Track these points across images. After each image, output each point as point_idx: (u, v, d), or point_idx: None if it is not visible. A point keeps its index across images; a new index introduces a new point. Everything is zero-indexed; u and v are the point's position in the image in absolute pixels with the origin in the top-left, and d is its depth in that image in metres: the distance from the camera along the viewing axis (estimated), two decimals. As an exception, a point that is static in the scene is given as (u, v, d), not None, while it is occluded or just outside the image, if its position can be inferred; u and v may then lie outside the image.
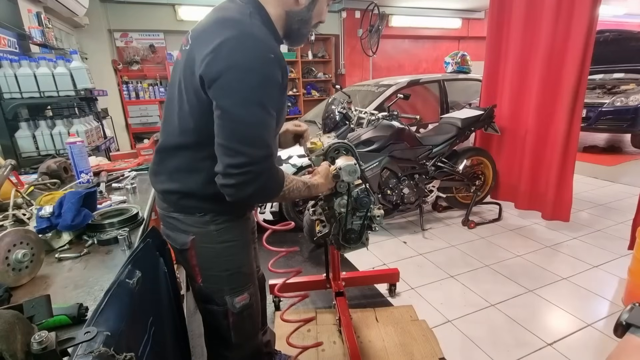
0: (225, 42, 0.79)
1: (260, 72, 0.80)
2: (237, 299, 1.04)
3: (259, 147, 0.83)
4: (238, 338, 1.10)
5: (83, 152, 1.57)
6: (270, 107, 0.83)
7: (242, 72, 0.79)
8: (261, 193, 0.89)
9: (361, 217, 1.27)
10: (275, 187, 0.92)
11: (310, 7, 0.93)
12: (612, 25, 7.49)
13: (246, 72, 0.79)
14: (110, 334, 0.60)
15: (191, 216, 0.99)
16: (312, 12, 0.94)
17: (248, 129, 0.81)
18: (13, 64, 2.08)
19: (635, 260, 1.95)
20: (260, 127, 0.83)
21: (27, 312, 0.60)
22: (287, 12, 0.93)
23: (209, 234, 0.99)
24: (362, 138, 2.68)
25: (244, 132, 0.81)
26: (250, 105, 0.80)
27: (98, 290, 0.78)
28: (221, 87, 0.80)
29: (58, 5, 3.45)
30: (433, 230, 3.05)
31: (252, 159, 0.82)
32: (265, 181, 0.87)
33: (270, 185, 0.90)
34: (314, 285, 2.09)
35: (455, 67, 4.13)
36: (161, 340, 0.93)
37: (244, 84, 0.79)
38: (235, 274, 1.03)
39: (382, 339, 1.81)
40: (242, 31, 0.81)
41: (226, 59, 0.79)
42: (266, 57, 0.80)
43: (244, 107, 0.80)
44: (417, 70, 7.78)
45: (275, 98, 0.85)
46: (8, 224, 1.10)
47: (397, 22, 7.07)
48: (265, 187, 0.88)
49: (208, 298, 1.06)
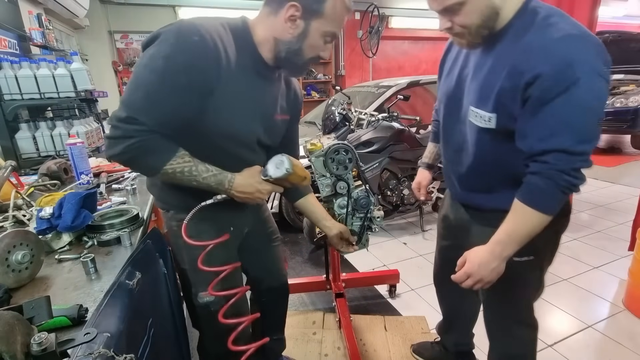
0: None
1: (173, 45, 0.80)
2: (201, 294, 1.06)
3: (133, 103, 0.80)
4: (209, 330, 1.12)
5: (83, 153, 1.57)
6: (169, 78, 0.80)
7: (161, 40, 0.81)
8: (128, 157, 0.83)
9: (361, 218, 1.27)
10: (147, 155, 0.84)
11: (300, 39, 0.91)
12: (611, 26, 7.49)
13: (164, 40, 0.81)
14: (110, 335, 0.60)
15: (163, 212, 1.09)
16: (302, 44, 0.91)
17: (134, 90, 0.81)
18: (13, 65, 2.08)
19: (635, 261, 1.95)
20: (141, 89, 0.80)
21: (27, 313, 0.60)
22: (275, 38, 0.91)
23: (172, 228, 1.05)
24: (362, 139, 2.68)
25: (130, 86, 0.82)
26: (146, 65, 0.80)
27: (98, 292, 0.78)
28: (145, 51, 0.83)
29: (58, 6, 3.45)
30: (433, 232, 3.04)
31: (128, 115, 0.79)
32: (135, 143, 0.80)
33: (140, 150, 0.82)
34: (314, 287, 2.09)
35: (455, 68, 4.13)
36: (161, 341, 0.93)
37: (156, 48, 0.80)
38: (197, 270, 0.96)
39: (389, 349, 1.76)
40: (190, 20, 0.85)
41: (161, 33, 0.82)
42: (188, 38, 0.81)
43: (143, 66, 0.81)
44: (417, 71, 7.78)
45: (184, 73, 0.81)
46: (8, 225, 1.10)
47: (397, 24, 7.08)
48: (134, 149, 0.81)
49: (185, 289, 1.13)
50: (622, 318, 1.93)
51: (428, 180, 1.48)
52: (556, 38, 0.80)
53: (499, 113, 0.91)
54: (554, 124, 0.82)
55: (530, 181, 0.87)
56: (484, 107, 0.93)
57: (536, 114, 0.84)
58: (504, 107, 0.89)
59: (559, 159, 0.82)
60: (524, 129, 0.87)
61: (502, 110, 0.90)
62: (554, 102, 0.80)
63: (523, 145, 0.88)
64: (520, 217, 0.89)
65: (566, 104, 0.80)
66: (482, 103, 0.94)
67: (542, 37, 0.82)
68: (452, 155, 1.14)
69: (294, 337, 1.83)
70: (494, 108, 0.91)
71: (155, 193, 1.08)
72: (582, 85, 0.78)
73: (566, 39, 0.80)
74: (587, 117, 0.81)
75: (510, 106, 0.88)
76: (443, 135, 1.19)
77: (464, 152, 1.08)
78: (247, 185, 0.95)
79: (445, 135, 1.17)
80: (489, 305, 1.21)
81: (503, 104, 0.89)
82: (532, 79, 0.81)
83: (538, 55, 0.81)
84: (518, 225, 0.90)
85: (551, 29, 0.82)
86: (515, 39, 0.87)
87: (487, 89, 0.92)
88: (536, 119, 0.84)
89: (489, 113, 0.92)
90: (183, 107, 0.84)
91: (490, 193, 1.07)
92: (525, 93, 0.84)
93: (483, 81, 0.94)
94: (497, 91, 0.89)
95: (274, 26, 0.91)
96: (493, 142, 0.97)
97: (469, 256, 0.97)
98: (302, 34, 0.90)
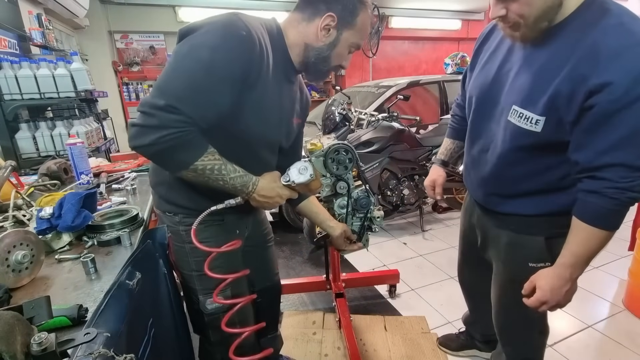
0: (211, 20, 0.82)
1: (222, 35, 0.79)
2: (209, 300, 1.04)
3: (179, 98, 0.75)
4: (216, 336, 1.09)
5: (83, 153, 1.57)
6: (208, 67, 0.77)
7: (207, 31, 0.79)
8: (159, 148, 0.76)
9: (361, 218, 1.27)
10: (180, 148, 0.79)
11: (330, 47, 0.95)
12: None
13: (210, 31, 0.79)
14: (110, 335, 0.60)
15: (166, 215, 1.02)
16: (331, 51, 0.95)
17: (174, 77, 0.77)
18: (14, 65, 2.09)
19: (635, 261, 1.95)
20: (183, 78, 0.77)
21: (27, 313, 0.60)
22: (306, 43, 0.95)
23: (178, 233, 1.01)
24: (362, 139, 2.68)
25: (167, 72, 0.78)
26: (189, 54, 0.78)
27: (98, 292, 0.78)
28: (185, 40, 0.80)
29: (58, 6, 3.45)
30: (433, 232, 3.05)
31: (167, 103, 0.74)
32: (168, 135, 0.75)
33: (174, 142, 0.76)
34: (314, 287, 2.09)
35: (455, 68, 4.13)
36: (162, 341, 0.93)
37: (201, 38, 0.79)
38: (204, 276, 0.92)
39: (389, 349, 1.76)
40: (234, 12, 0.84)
41: (205, 24, 0.80)
42: (236, 31, 0.80)
43: (185, 55, 0.78)
44: (417, 71, 7.78)
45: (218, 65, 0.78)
46: (8, 225, 1.10)
47: (397, 24, 7.07)
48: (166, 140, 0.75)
49: (187, 294, 1.09)
50: (622, 318, 1.93)
51: (443, 177, 1.39)
52: (630, 44, 0.73)
53: (549, 117, 0.83)
54: (618, 137, 0.75)
55: (592, 200, 0.82)
56: (532, 108, 0.85)
57: (599, 125, 0.77)
58: (556, 112, 0.82)
59: (620, 174, 0.77)
60: (582, 139, 0.80)
61: (554, 114, 0.82)
62: (621, 114, 0.74)
63: (580, 157, 0.82)
64: (585, 237, 0.85)
65: (634, 116, 0.73)
66: (530, 103, 0.85)
67: (613, 40, 0.74)
68: (477, 155, 1.08)
69: (294, 337, 1.83)
70: (545, 111, 0.83)
71: (163, 193, 1.01)
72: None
73: (639, 45, 0.73)
74: None
75: (564, 112, 0.80)
76: (470, 132, 1.12)
77: (489, 153, 1.02)
78: (270, 189, 0.93)
79: (472, 133, 1.10)
80: (503, 310, 1.20)
81: (556, 108, 0.81)
82: (599, 87, 0.74)
83: (608, 60, 0.73)
84: (584, 246, 0.86)
85: (624, 31, 0.74)
86: (578, 36, 0.78)
87: (538, 89, 0.84)
88: (599, 131, 0.77)
89: (538, 115, 0.84)
90: (225, 100, 0.82)
91: (511, 199, 1.03)
92: (586, 101, 0.76)
93: (534, 79, 0.85)
94: (551, 93, 0.81)
95: (307, 32, 0.93)
96: (529, 148, 0.91)
97: (539, 283, 0.93)
98: (333, 42, 0.94)
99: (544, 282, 0.92)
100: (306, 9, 0.93)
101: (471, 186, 1.17)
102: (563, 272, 0.89)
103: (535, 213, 0.98)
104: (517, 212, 1.02)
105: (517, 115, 0.89)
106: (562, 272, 0.89)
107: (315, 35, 0.93)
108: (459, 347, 1.70)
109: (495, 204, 1.08)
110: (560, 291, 0.90)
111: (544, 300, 0.92)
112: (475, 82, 1.06)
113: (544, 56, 0.84)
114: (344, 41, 0.95)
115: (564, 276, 0.89)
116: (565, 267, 0.88)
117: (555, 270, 0.90)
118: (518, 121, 0.89)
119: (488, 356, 1.61)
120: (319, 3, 0.91)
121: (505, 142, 0.95)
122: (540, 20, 0.79)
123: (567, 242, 0.88)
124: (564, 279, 0.89)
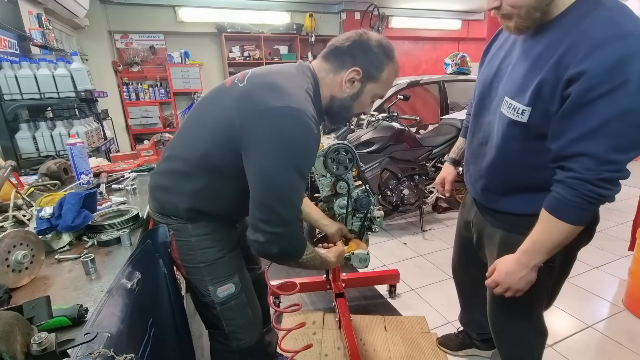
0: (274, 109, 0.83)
1: (304, 142, 0.86)
2: (220, 288, 1.06)
3: (290, 208, 0.88)
4: (230, 327, 1.10)
5: (83, 153, 1.57)
6: (304, 175, 0.89)
7: (289, 139, 0.84)
8: (284, 254, 0.93)
9: (361, 218, 1.27)
10: (296, 252, 0.96)
11: (354, 98, 0.99)
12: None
13: (293, 141, 0.84)
14: (110, 335, 0.60)
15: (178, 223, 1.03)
16: (354, 102, 0.99)
17: (284, 191, 0.86)
18: (13, 65, 2.09)
19: (635, 261, 1.95)
20: (294, 191, 0.87)
21: (27, 313, 0.60)
22: (332, 95, 0.99)
23: (185, 228, 1.03)
24: (362, 139, 2.68)
25: (279, 193, 0.86)
26: (289, 170, 0.85)
27: (98, 292, 0.78)
28: (263, 148, 0.84)
29: (58, 6, 3.45)
30: (433, 231, 3.05)
31: (283, 218, 0.86)
32: (290, 243, 0.93)
33: (293, 248, 0.95)
34: (314, 287, 2.08)
35: (455, 68, 4.13)
36: (162, 341, 0.93)
37: (288, 150, 0.84)
38: (212, 265, 1.04)
39: (389, 349, 1.76)
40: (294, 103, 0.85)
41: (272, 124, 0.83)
42: (311, 132, 0.86)
43: (286, 171, 0.85)
44: (417, 71, 7.78)
45: (309, 168, 0.92)
46: (8, 225, 1.10)
47: (397, 24, 7.07)
48: (288, 248, 0.93)
49: (195, 289, 1.09)
50: (622, 318, 1.93)
51: (453, 175, 1.42)
52: (612, 34, 0.72)
53: (535, 107, 0.83)
54: (590, 127, 0.74)
55: (555, 189, 0.83)
56: (520, 99, 0.86)
57: (574, 113, 0.76)
58: (542, 102, 0.82)
59: (585, 166, 0.76)
60: (557, 127, 0.80)
61: (539, 105, 0.83)
62: (596, 103, 0.73)
63: (553, 145, 0.82)
64: (547, 227, 0.86)
65: (608, 107, 0.72)
66: (519, 94, 0.86)
67: (599, 31, 0.73)
68: (476, 148, 1.09)
69: (294, 337, 1.83)
70: (531, 101, 0.83)
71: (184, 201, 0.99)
72: (629, 88, 0.70)
73: (623, 37, 0.71)
74: (629, 123, 0.73)
75: (549, 102, 0.81)
76: (471, 125, 1.13)
77: (487, 146, 1.03)
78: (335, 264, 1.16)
79: (473, 126, 1.11)
80: (497, 310, 1.20)
81: (542, 98, 0.81)
82: (577, 75, 0.74)
83: (590, 50, 0.72)
84: (544, 235, 0.86)
85: (612, 23, 0.73)
86: (570, 27, 0.78)
87: (527, 79, 0.84)
88: (573, 119, 0.76)
89: (524, 106, 0.85)
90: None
91: (505, 195, 1.03)
92: (565, 91, 0.77)
93: (526, 70, 0.86)
94: (538, 82, 0.81)
95: (333, 84, 0.98)
96: (520, 140, 0.91)
97: (498, 265, 0.96)
98: (357, 94, 0.98)
99: (501, 264, 0.95)
100: (334, 60, 0.97)
101: (469, 181, 1.18)
102: (520, 257, 0.91)
103: (526, 212, 0.97)
104: (510, 210, 1.02)
105: (507, 106, 0.91)
106: (519, 257, 0.91)
107: (340, 86, 0.97)
108: (458, 346, 1.70)
109: (491, 201, 1.09)
110: (514, 276, 0.92)
111: (498, 281, 0.95)
112: (480, 77, 1.09)
113: (539, 48, 0.84)
114: (367, 92, 0.99)
115: (520, 261, 0.91)
116: (523, 253, 0.90)
117: (514, 255, 0.93)
118: (507, 112, 0.91)
119: (488, 355, 1.62)
120: (345, 56, 0.95)
121: (499, 133, 0.97)
122: (533, 10, 0.80)
123: (534, 229, 0.89)
124: (520, 264, 0.91)
